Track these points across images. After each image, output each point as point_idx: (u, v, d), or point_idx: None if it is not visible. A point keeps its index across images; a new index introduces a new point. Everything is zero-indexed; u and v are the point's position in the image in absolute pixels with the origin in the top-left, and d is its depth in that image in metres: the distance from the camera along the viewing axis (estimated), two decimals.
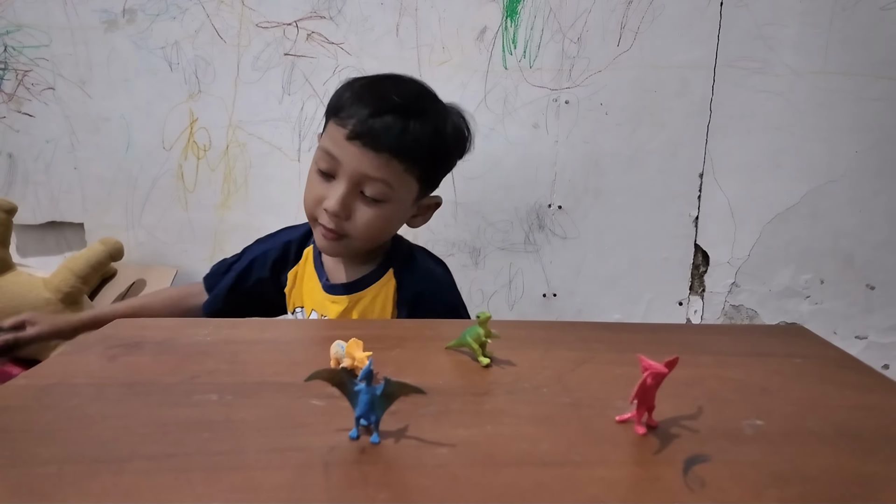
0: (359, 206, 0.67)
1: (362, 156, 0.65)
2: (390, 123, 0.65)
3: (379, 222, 0.69)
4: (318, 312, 0.76)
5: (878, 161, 1.21)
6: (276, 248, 0.81)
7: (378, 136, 0.64)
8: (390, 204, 0.68)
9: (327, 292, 0.75)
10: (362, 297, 0.73)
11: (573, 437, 0.36)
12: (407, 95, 0.68)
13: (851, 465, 0.34)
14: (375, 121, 0.64)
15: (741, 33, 1.18)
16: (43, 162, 1.26)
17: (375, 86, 0.69)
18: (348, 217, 0.67)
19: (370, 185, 0.66)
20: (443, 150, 0.70)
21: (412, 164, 0.67)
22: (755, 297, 1.29)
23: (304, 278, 0.79)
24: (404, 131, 0.65)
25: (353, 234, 0.68)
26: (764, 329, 0.69)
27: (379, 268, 0.75)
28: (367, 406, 0.35)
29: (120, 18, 1.20)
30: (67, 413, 0.38)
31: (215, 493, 0.30)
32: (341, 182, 0.66)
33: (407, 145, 0.65)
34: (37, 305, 1.05)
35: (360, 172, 0.66)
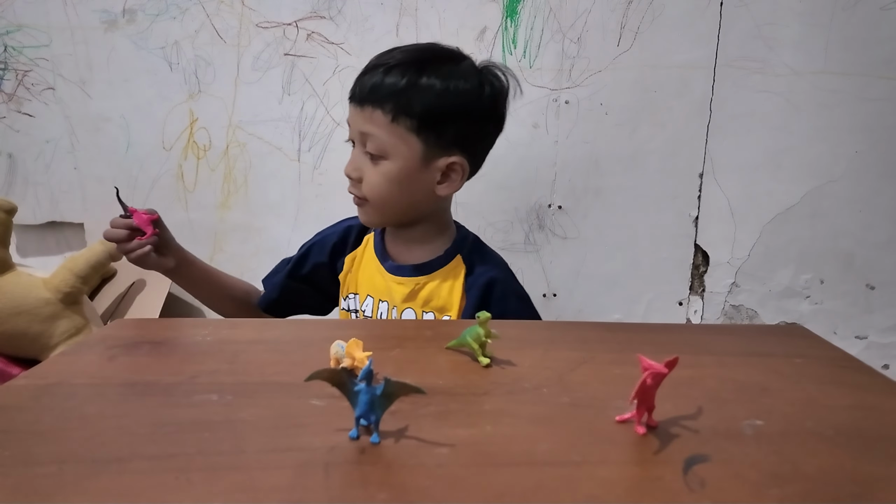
0: (367, 166, 0.71)
1: (354, 113, 0.70)
2: (374, 77, 0.69)
3: (385, 180, 0.70)
4: (376, 298, 0.77)
5: (879, 161, 1.21)
6: (336, 232, 0.83)
7: (361, 90, 0.70)
8: (390, 161, 0.70)
9: (392, 273, 0.76)
10: (430, 280, 0.75)
11: (573, 437, 0.36)
12: (403, 51, 0.72)
13: (851, 465, 0.34)
14: (364, 77, 0.70)
15: (741, 33, 1.18)
16: (43, 162, 1.26)
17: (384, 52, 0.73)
18: (360, 179, 0.71)
19: (368, 141, 0.70)
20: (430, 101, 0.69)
21: (395, 113, 0.68)
22: (755, 297, 1.29)
23: (361, 264, 0.80)
24: (380, 83, 0.68)
25: (368, 197, 0.72)
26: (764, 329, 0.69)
27: (446, 253, 0.77)
28: (367, 406, 0.34)
29: (120, 18, 1.20)
30: (67, 413, 0.38)
31: (215, 494, 0.30)
32: (357, 146, 0.72)
33: (384, 94, 0.68)
34: (37, 305, 1.05)
35: (357, 130, 0.71)
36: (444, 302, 0.75)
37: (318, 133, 1.25)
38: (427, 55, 0.72)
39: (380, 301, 0.76)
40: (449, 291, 0.75)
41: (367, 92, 0.69)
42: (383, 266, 0.77)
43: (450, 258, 0.76)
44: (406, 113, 0.69)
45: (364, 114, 0.69)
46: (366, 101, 0.69)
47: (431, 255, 0.76)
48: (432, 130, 0.70)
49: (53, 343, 1.06)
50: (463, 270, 0.76)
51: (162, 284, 1.24)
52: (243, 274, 1.33)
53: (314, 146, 1.26)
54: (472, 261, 0.76)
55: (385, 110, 0.68)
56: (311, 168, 1.27)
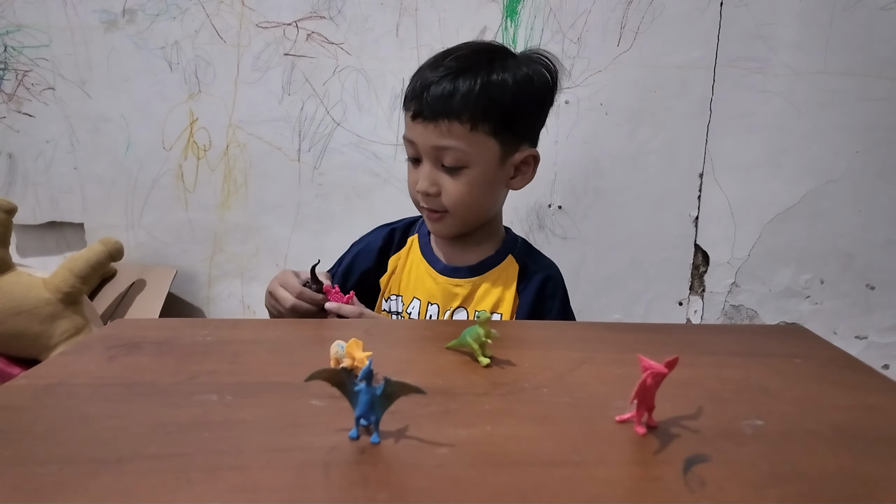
0: (445, 179, 0.69)
1: (426, 131, 0.68)
2: (439, 90, 0.67)
3: (468, 189, 0.69)
4: (424, 300, 0.75)
5: (879, 161, 1.21)
6: (379, 237, 0.81)
7: (430, 108, 0.67)
8: (472, 168, 0.69)
9: (448, 276, 0.75)
10: (484, 280, 0.75)
11: (573, 438, 0.36)
12: (457, 57, 0.69)
13: (851, 465, 0.34)
14: (427, 93, 0.67)
15: (741, 33, 1.18)
16: (43, 162, 1.26)
17: (431, 61, 0.71)
18: (438, 193, 0.70)
19: (445, 155, 0.68)
20: (511, 98, 0.68)
21: (474, 121, 0.67)
22: (755, 297, 1.29)
23: (406, 266, 0.79)
24: (452, 93, 0.66)
25: (450, 209, 0.70)
26: (764, 329, 0.69)
27: (497, 253, 0.77)
28: (367, 406, 0.34)
29: (120, 18, 1.20)
30: (67, 413, 0.38)
31: (215, 494, 0.30)
32: (425, 162, 0.70)
33: (458, 105, 0.66)
34: (37, 305, 1.05)
35: (431, 146, 0.68)
36: (495, 302, 0.75)
37: (318, 133, 1.26)
38: (483, 54, 0.70)
39: (429, 304, 0.75)
40: (502, 291, 0.75)
41: (439, 106, 0.66)
42: (435, 269, 0.76)
43: (501, 258, 0.76)
44: (484, 118, 0.67)
45: (439, 129, 0.67)
46: (439, 115, 0.66)
47: (484, 256, 0.76)
48: (509, 129, 0.70)
49: (53, 343, 1.06)
50: (516, 270, 0.76)
51: (162, 284, 1.24)
52: (243, 273, 1.33)
53: (314, 146, 1.26)
54: (525, 262, 0.77)
55: (462, 121, 0.66)
56: (311, 168, 1.27)
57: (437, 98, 0.66)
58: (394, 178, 1.27)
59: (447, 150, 0.68)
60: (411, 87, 0.70)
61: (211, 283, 1.32)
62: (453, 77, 0.67)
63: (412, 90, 0.69)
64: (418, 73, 0.70)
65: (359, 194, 1.28)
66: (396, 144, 1.26)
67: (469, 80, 0.67)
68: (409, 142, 0.70)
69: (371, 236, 0.83)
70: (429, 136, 0.68)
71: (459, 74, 0.67)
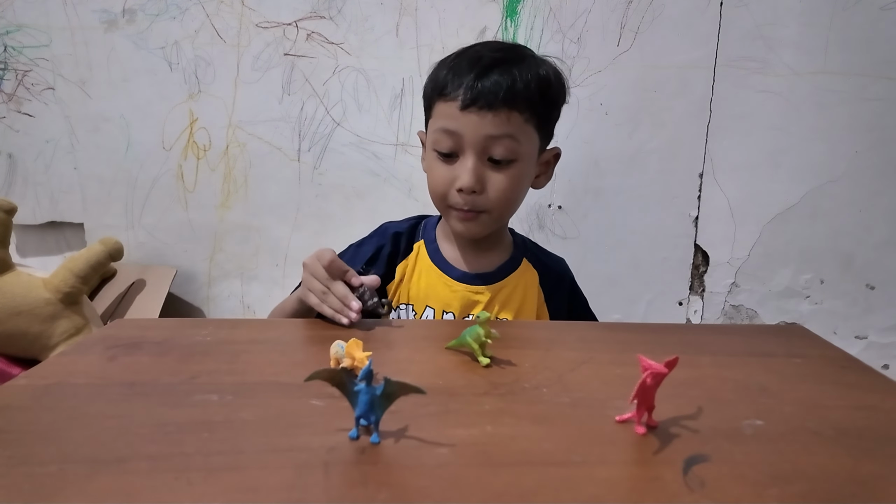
0: (490, 175, 0.67)
1: (481, 119, 0.64)
2: (498, 78, 0.64)
3: (512, 185, 0.67)
4: (438, 309, 0.72)
5: (878, 161, 1.21)
6: (387, 242, 0.77)
7: (492, 95, 0.64)
8: (519, 162, 0.67)
9: (466, 283, 0.73)
10: (504, 286, 0.73)
11: (573, 437, 0.36)
12: (500, 48, 0.68)
13: (851, 465, 0.34)
14: (483, 81, 0.64)
15: (741, 33, 1.18)
16: (43, 162, 1.26)
17: (467, 53, 0.69)
18: (483, 190, 0.67)
19: (497, 146, 0.65)
20: (551, 93, 0.69)
21: (529, 112, 0.66)
22: (755, 297, 1.29)
23: (415, 274, 0.75)
24: (514, 81, 0.64)
25: (489, 208, 0.68)
26: (764, 329, 0.69)
27: (512, 258, 0.75)
28: (366, 406, 0.34)
29: (120, 18, 1.20)
30: (67, 413, 0.38)
31: (215, 493, 0.30)
32: (468, 156, 0.66)
33: (520, 93, 0.65)
34: (37, 305, 1.05)
35: (483, 136, 0.65)
36: (518, 308, 0.73)
37: (318, 133, 1.26)
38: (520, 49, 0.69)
39: (444, 312, 0.72)
40: (523, 297, 0.74)
41: (501, 94, 0.63)
42: (451, 277, 0.73)
43: (517, 262, 0.75)
44: (536, 111, 0.67)
45: (498, 118, 0.64)
46: (498, 103, 0.63)
47: (499, 261, 0.74)
48: (547, 125, 0.70)
49: (53, 343, 1.06)
50: (535, 276, 0.75)
51: (162, 284, 1.24)
52: (242, 273, 1.33)
53: (314, 146, 1.26)
54: (542, 264, 0.76)
55: (521, 110, 0.65)
56: (311, 168, 1.27)
57: (496, 85, 0.64)
58: (393, 177, 1.27)
59: (501, 140, 0.65)
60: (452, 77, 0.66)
61: (211, 283, 1.32)
62: (508, 66, 0.65)
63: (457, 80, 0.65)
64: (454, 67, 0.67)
65: (359, 194, 1.28)
66: (396, 144, 1.26)
67: (525, 71, 0.65)
68: (451, 133, 0.66)
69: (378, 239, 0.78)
70: (484, 126, 0.64)
71: (513, 64, 0.65)
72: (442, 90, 0.67)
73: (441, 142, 0.67)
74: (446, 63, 0.69)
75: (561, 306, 0.77)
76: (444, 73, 0.67)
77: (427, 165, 0.72)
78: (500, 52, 0.67)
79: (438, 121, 0.67)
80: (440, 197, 0.70)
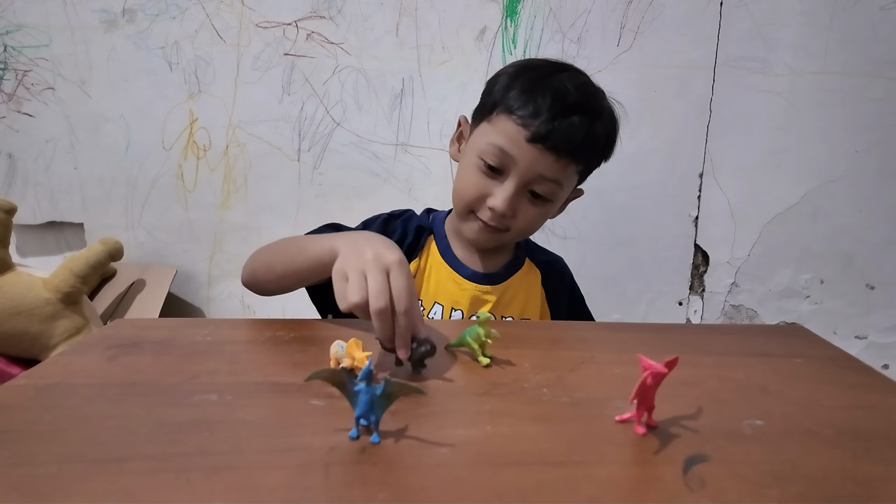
0: (524, 204, 0.67)
1: (542, 158, 0.63)
2: (576, 126, 0.63)
3: (540, 220, 0.69)
4: (447, 306, 0.72)
5: (878, 161, 1.21)
6: (409, 232, 0.75)
7: (563, 140, 0.62)
8: (554, 202, 0.68)
9: (476, 282, 0.73)
10: (510, 285, 0.74)
11: (573, 437, 0.36)
12: (585, 92, 0.66)
13: (851, 465, 0.34)
14: (561, 122, 0.62)
15: (741, 33, 1.18)
16: (43, 162, 1.26)
17: (548, 80, 0.65)
18: (514, 215, 0.67)
19: (542, 185, 0.65)
20: (608, 151, 0.70)
21: (584, 165, 0.67)
22: (755, 297, 1.29)
23: (427, 270, 0.74)
24: (588, 135, 0.64)
25: (512, 230, 0.68)
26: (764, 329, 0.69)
27: (516, 258, 0.76)
28: (366, 406, 0.34)
29: (120, 18, 1.20)
30: (67, 413, 0.38)
31: (215, 494, 0.30)
32: (511, 181, 0.64)
33: (588, 148, 0.65)
34: (36, 305, 1.05)
35: (535, 173, 0.64)
36: (522, 306, 0.74)
37: (318, 133, 1.26)
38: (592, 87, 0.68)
39: (452, 310, 0.72)
40: (527, 296, 0.75)
41: (570, 142, 0.63)
42: (462, 275, 0.73)
43: (520, 262, 0.76)
44: (590, 164, 0.69)
45: (559, 164, 0.63)
46: (564, 151, 0.63)
47: (505, 261, 0.75)
48: (589, 173, 0.71)
49: (53, 343, 1.06)
50: (538, 275, 0.76)
51: (162, 284, 1.24)
52: None
53: (314, 146, 1.26)
54: (543, 263, 0.77)
55: (579, 162, 0.65)
56: (311, 168, 1.27)
57: (571, 132, 0.63)
58: (394, 177, 1.27)
59: (549, 182, 0.65)
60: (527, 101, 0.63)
61: (211, 283, 1.32)
62: (589, 116, 0.64)
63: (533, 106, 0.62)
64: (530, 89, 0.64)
65: (359, 194, 1.28)
66: (396, 144, 1.26)
67: (600, 126, 0.66)
68: (506, 154, 0.63)
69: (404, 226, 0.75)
70: (542, 165, 0.63)
71: (594, 115, 0.65)
72: (513, 109, 0.64)
73: (492, 156, 0.65)
74: (525, 79, 0.66)
75: (561, 304, 0.78)
76: (522, 90, 0.64)
77: (463, 165, 0.70)
78: (583, 94, 0.65)
79: (497, 137, 0.65)
80: (467, 204, 0.68)
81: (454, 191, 0.70)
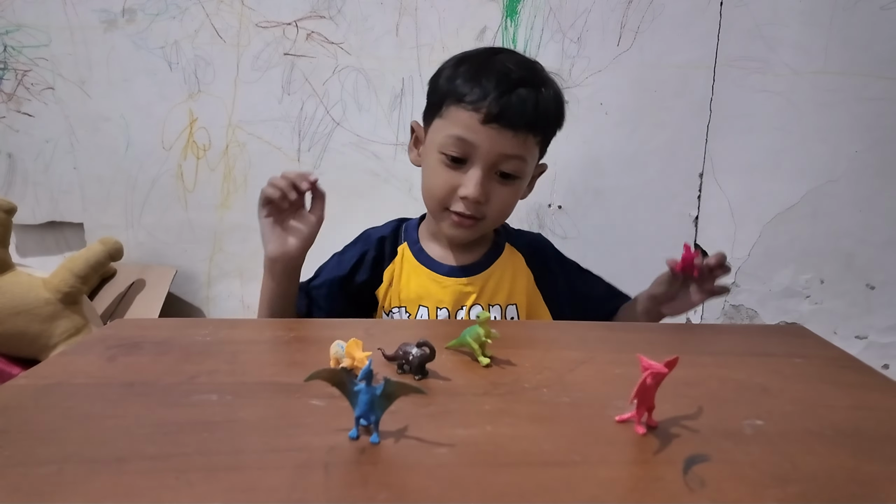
0: (494, 187, 0.68)
1: (500, 137, 0.64)
2: (525, 99, 0.64)
3: (512, 199, 0.70)
4: (432, 307, 0.73)
5: (879, 161, 1.21)
6: (371, 247, 0.77)
7: (517, 115, 0.64)
8: (522, 179, 0.69)
9: (455, 276, 0.73)
10: (492, 272, 0.75)
11: (573, 438, 0.36)
12: (525, 66, 0.67)
13: (851, 465, 0.34)
14: (510, 98, 0.63)
15: (741, 33, 1.18)
16: (42, 162, 1.26)
17: (488, 63, 0.67)
18: (487, 200, 0.68)
19: (507, 163, 0.66)
20: (561, 118, 0.71)
21: (542, 135, 0.68)
22: (755, 296, 1.29)
23: (403, 277, 0.75)
24: (538, 105, 0.65)
25: (488, 216, 0.69)
26: (764, 329, 0.69)
27: (495, 245, 0.77)
28: (366, 406, 0.34)
29: (119, 18, 1.20)
30: (67, 413, 0.38)
31: (215, 494, 0.30)
32: (477, 167, 0.66)
33: (541, 118, 0.66)
34: (36, 305, 1.05)
35: (497, 153, 0.65)
36: (509, 291, 0.75)
37: (318, 133, 1.25)
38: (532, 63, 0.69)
39: (437, 309, 0.73)
40: (512, 280, 0.75)
41: (524, 115, 0.64)
42: (439, 273, 0.73)
43: (500, 248, 0.77)
44: (547, 133, 0.69)
45: (517, 139, 0.64)
46: (520, 125, 0.64)
47: (485, 249, 0.76)
48: (547, 143, 0.71)
49: (53, 343, 1.06)
50: (521, 257, 0.77)
51: (161, 284, 1.24)
52: (242, 273, 1.33)
53: (314, 146, 1.26)
54: (524, 244, 0.78)
55: (536, 133, 0.66)
56: (311, 168, 1.27)
57: (522, 105, 0.63)
58: (393, 177, 1.27)
59: (513, 159, 0.66)
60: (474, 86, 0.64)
61: (210, 283, 1.32)
62: (534, 87, 0.65)
63: (479, 90, 0.64)
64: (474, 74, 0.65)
65: (358, 194, 1.28)
66: (396, 144, 1.25)
67: (547, 94, 0.66)
68: (466, 143, 0.65)
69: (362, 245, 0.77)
70: (502, 143, 0.64)
71: (538, 85, 0.66)
72: (461, 97, 0.65)
73: (452, 147, 0.66)
74: (466, 68, 0.67)
75: (556, 282, 0.78)
76: (465, 78, 0.66)
77: (427, 165, 0.71)
78: (524, 69, 0.67)
79: (453, 127, 0.66)
80: (439, 201, 0.69)
81: (424, 192, 0.71)
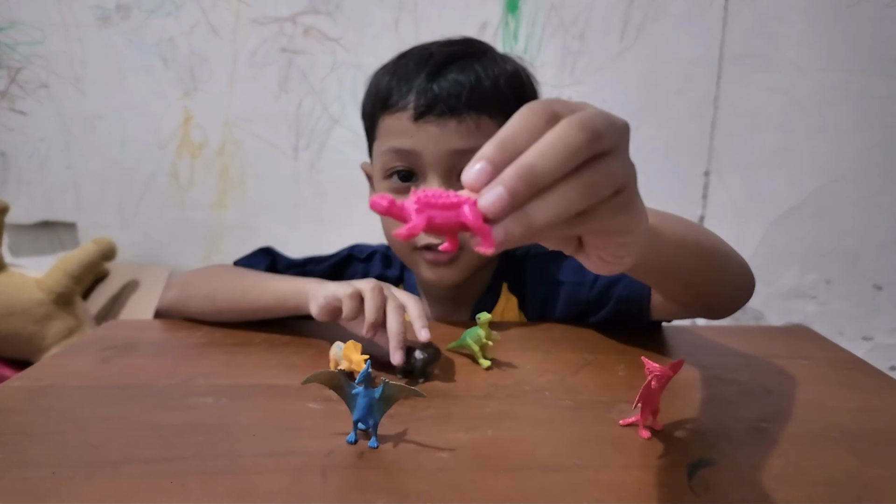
0: None
1: (443, 130, 0.52)
2: (457, 76, 0.52)
3: None
4: None
5: (884, 159, 1.21)
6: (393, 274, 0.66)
7: (452, 98, 0.51)
8: None
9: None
10: None
11: (575, 441, 0.36)
12: (450, 44, 0.56)
13: (857, 468, 0.33)
14: (439, 81, 0.52)
15: (746, 30, 1.17)
16: (36, 160, 1.25)
17: (412, 52, 0.57)
18: None
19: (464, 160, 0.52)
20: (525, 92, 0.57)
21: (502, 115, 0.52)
22: (761, 297, 1.29)
23: None
24: (478, 78, 0.52)
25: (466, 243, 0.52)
26: (769, 331, 0.69)
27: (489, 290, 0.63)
28: (365, 409, 0.34)
29: (114, 14, 1.19)
30: (61, 415, 0.38)
31: (210, 498, 0.29)
32: (430, 178, 0.53)
33: (488, 93, 0.52)
34: (30, 306, 1.04)
35: (448, 150, 0.52)
36: None
37: (316, 131, 1.25)
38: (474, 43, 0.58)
39: None
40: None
41: (465, 95, 0.51)
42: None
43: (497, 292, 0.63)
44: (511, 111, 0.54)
45: (464, 126, 0.52)
46: (460, 108, 0.51)
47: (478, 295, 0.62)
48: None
49: (47, 344, 1.05)
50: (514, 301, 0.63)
51: (156, 284, 1.23)
52: None
53: (311, 144, 1.25)
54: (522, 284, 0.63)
55: (493, 113, 0.53)
56: (309, 166, 1.26)
57: (456, 85, 0.51)
58: None
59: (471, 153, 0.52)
60: (397, 83, 0.54)
61: None
62: (467, 62, 0.53)
63: (403, 85, 0.53)
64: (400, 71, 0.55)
65: (357, 193, 1.27)
66: None
67: (489, 66, 0.53)
68: (405, 153, 0.53)
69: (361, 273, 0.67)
70: (447, 138, 0.52)
71: (473, 59, 0.53)
72: (386, 101, 0.55)
73: (393, 162, 0.54)
74: (387, 69, 0.57)
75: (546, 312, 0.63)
76: (387, 79, 0.55)
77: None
78: (449, 46, 0.55)
79: (386, 140, 0.55)
80: (396, 246, 0.58)
81: (388, 239, 0.61)
